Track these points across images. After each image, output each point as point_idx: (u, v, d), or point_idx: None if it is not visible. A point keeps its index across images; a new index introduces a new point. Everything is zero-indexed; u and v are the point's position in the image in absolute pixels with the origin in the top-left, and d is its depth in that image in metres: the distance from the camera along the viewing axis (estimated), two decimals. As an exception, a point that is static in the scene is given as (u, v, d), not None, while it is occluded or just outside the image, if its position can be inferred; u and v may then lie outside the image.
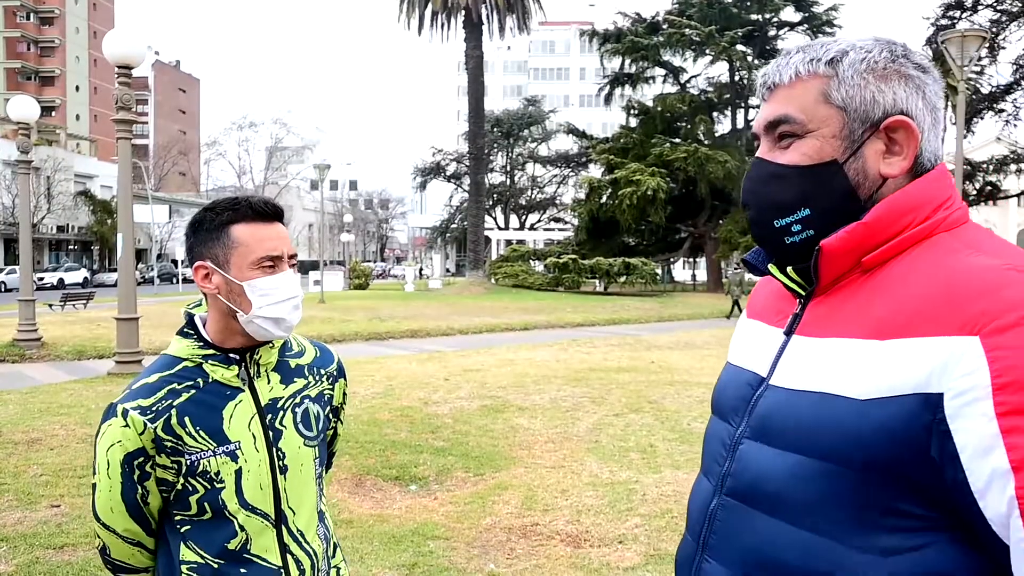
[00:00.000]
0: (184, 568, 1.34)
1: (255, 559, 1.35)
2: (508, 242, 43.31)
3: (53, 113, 63.22)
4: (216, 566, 1.33)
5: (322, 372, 1.49)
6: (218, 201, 1.37)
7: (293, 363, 1.45)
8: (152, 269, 41.66)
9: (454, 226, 51.21)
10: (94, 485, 1.35)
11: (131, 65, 8.68)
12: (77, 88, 67.38)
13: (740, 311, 19.03)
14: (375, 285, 37.46)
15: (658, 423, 6.56)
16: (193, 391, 1.33)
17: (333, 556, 1.51)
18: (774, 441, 0.85)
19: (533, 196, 53.17)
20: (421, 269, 58.75)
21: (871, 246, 0.85)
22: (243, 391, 1.36)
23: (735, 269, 22.49)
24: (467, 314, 18.60)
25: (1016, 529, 0.70)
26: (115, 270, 34.11)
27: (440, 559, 3.61)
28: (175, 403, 1.31)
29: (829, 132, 0.87)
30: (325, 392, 1.49)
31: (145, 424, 1.29)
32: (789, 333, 0.91)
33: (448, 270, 56.98)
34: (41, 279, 35.86)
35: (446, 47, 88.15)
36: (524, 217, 53.67)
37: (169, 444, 1.30)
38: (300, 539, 1.39)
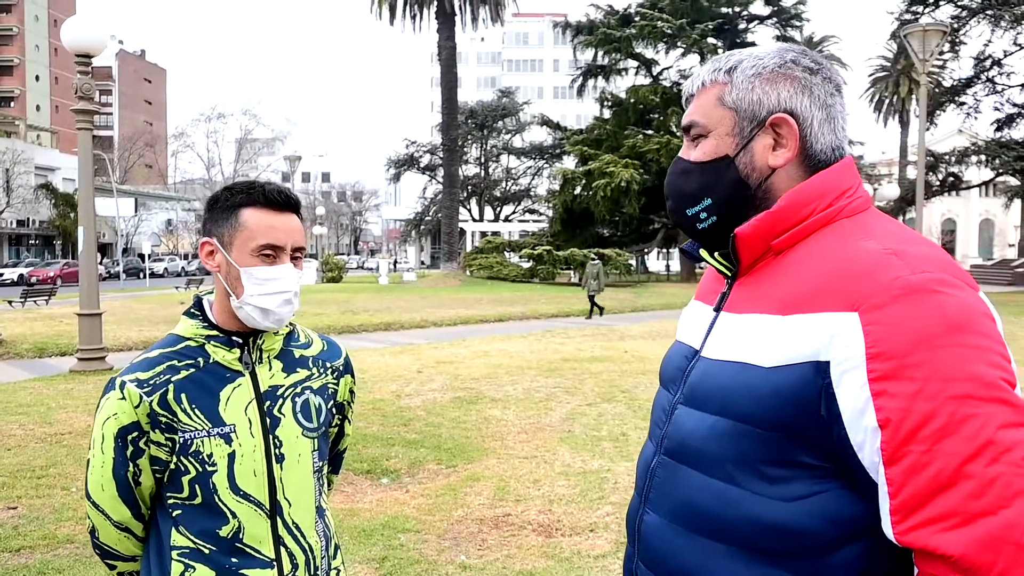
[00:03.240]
0: (174, 554, 1.31)
1: (247, 549, 1.32)
2: (483, 234, 43.22)
3: (12, 104, 61.47)
4: (207, 552, 1.30)
5: (327, 366, 1.48)
6: (238, 183, 1.39)
7: (298, 353, 1.44)
8: (118, 264, 40.70)
9: (428, 218, 50.88)
10: (88, 461, 1.34)
11: (91, 53, 8.43)
12: (37, 78, 65.51)
13: (600, 311, 17.20)
14: (349, 278, 37.13)
15: (630, 412, 6.58)
16: (192, 369, 1.32)
17: (334, 557, 1.47)
18: (701, 405, 0.98)
19: (507, 188, 53.05)
20: (395, 261, 58.23)
21: (779, 231, 0.97)
22: (243, 375, 1.35)
23: (592, 261, 18.31)
24: (441, 306, 18.52)
25: (881, 475, 0.83)
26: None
27: (411, 552, 3.57)
28: (173, 379, 1.31)
29: (724, 131, 1.01)
30: (329, 385, 1.47)
31: (141, 397, 1.29)
32: (718, 310, 1.04)
33: (423, 262, 56.60)
34: (0, 275, 34.87)
35: (419, 38, 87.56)
36: (499, 209, 53.55)
37: (164, 420, 1.29)
38: (296, 533, 1.36)
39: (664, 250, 43.79)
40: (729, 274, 1.04)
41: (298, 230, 1.37)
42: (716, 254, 1.05)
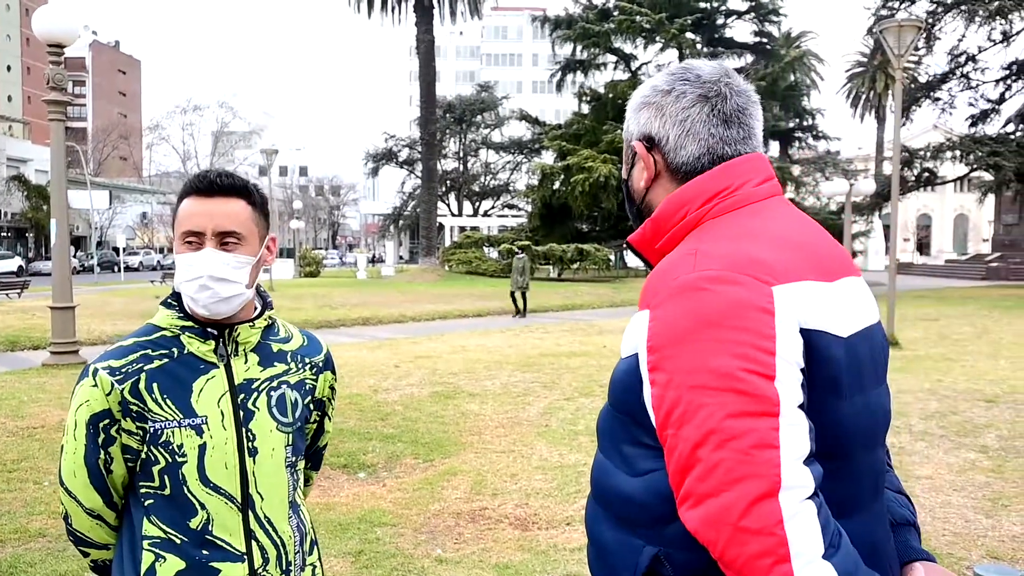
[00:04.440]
0: (146, 543, 1.32)
1: (217, 541, 1.32)
2: (461, 229, 43.12)
3: (-19, 94, 59.90)
4: (178, 543, 1.31)
5: (306, 361, 1.47)
6: None
7: (276, 347, 1.44)
8: (92, 257, 39.96)
9: (407, 213, 50.55)
10: (62, 447, 1.35)
11: (62, 43, 8.28)
12: (9, 68, 63.96)
13: (524, 308, 16.25)
14: (327, 272, 36.85)
15: (607, 406, 6.64)
16: (166, 360, 1.33)
17: (310, 553, 1.47)
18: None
19: (486, 182, 52.88)
20: (374, 256, 57.71)
21: (660, 236, 1.09)
22: (217, 367, 1.35)
23: (517, 256, 17.07)
24: (420, 301, 18.48)
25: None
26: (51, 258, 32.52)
27: (387, 545, 3.59)
28: (146, 368, 1.31)
29: (625, 159, 1.16)
30: (307, 381, 1.46)
31: (112, 385, 1.29)
32: None
33: (401, 257, 56.29)
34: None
35: (398, 31, 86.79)
36: (477, 204, 53.40)
37: (135, 408, 1.30)
38: (268, 527, 1.36)
39: (643, 245, 43.94)
40: None
41: (224, 213, 1.32)
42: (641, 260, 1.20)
